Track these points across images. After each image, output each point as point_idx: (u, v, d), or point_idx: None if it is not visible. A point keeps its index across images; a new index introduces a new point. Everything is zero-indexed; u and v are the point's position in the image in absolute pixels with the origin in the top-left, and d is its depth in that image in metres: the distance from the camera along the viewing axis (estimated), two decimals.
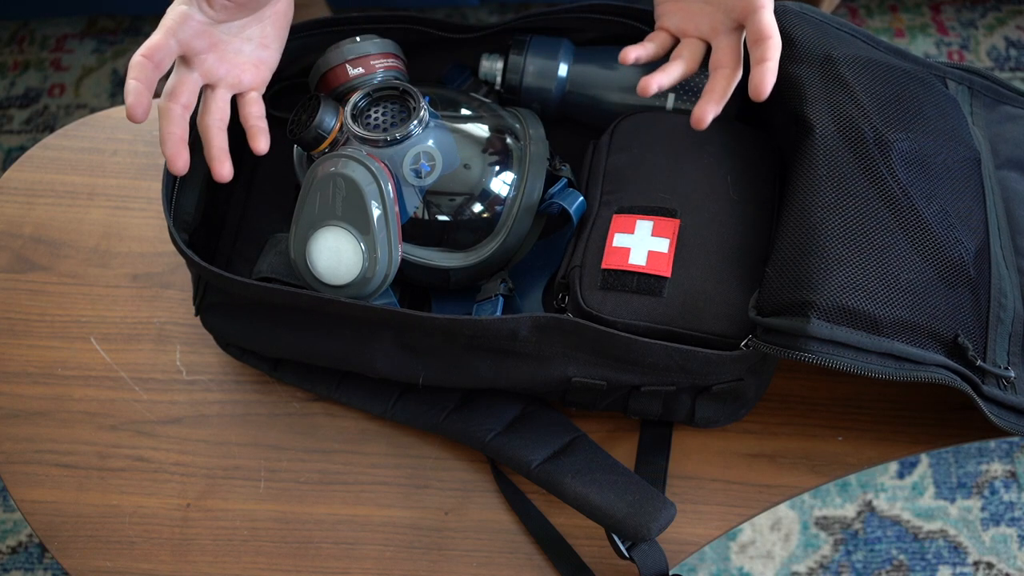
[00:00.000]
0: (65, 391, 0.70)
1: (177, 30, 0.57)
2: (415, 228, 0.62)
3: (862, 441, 0.66)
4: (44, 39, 1.55)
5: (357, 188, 0.57)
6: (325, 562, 0.64)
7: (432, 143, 0.60)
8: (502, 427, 0.63)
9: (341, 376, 0.67)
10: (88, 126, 0.81)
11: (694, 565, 1.13)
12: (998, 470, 1.17)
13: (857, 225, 0.56)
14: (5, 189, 0.78)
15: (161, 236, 0.76)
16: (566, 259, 0.63)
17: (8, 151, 1.45)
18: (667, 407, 0.62)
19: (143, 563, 0.64)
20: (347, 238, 0.58)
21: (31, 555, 1.17)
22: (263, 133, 0.63)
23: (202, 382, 0.70)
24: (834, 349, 0.53)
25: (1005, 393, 0.58)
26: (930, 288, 0.56)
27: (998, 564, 1.12)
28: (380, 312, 0.58)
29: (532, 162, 0.63)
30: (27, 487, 0.66)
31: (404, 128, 0.59)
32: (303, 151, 0.66)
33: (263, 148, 0.62)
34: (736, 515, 0.64)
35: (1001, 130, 0.69)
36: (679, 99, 0.68)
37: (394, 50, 0.67)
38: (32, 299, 0.73)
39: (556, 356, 0.59)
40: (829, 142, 0.59)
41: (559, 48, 0.69)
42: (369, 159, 0.58)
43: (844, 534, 1.14)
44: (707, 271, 0.59)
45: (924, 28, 1.49)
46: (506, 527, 0.64)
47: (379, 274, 0.58)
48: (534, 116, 0.67)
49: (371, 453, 0.67)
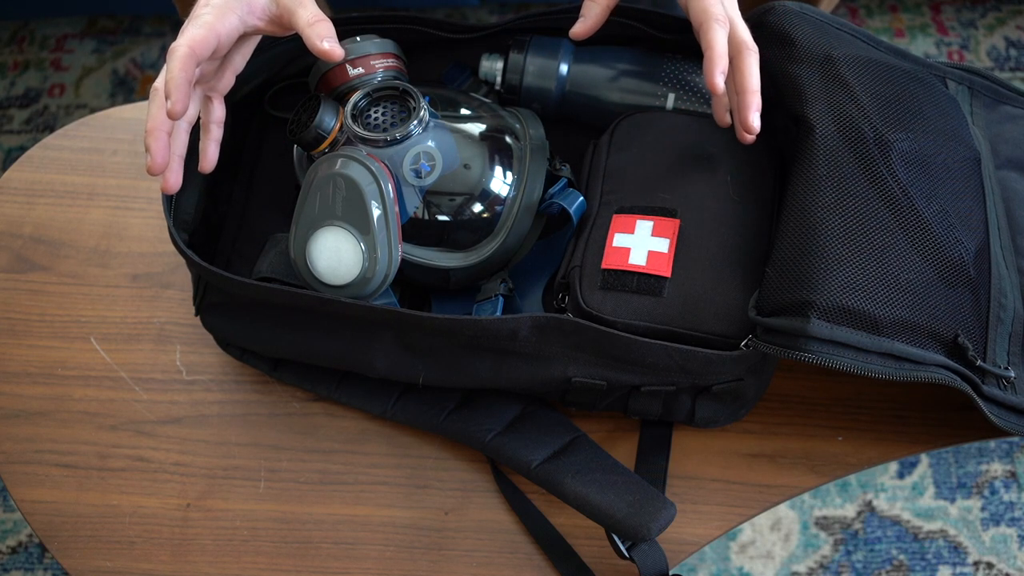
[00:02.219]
0: (65, 391, 0.70)
1: (217, 25, 0.56)
2: (415, 228, 0.61)
3: (862, 441, 0.66)
4: (44, 39, 1.55)
5: (357, 188, 0.57)
6: (325, 562, 0.64)
7: (432, 143, 0.60)
8: (502, 427, 0.63)
9: (341, 376, 0.67)
10: (88, 126, 0.81)
11: (694, 565, 1.13)
12: (998, 470, 1.17)
13: (857, 225, 0.56)
14: (5, 189, 0.78)
15: (161, 236, 0.76)
16: (566, 259, 0.63)
17: (8, 151, 1.45)
18: (667, 407, 0.62)
19: (143, 563, 0.64)
20: (347, 238, 0.58)
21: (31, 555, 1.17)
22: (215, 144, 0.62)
23: (202, 382, 0.70)
24: (834, 349, 0.53)
25: (1005, 393, 0.58)
26: (930, 288, 0.56)
27: (998, 564, 1.12)
28: (380, 312, 0.58)
29: (532, 162, 0.63)
30: (27, 487, 0.66)
31: (404, 128, 0.59)
32: (303, 151, 0.66)
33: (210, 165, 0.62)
34: (736, 515, 0.64)
35: (1001, 130, 0.69)
36: (679, 99, 0.68)
37: (394, 50, 0.67)
38: (32, 299, 0.73)
39: (556, 356, 0.59)
40: (829, 142, 0.58)
41: (559, 48, 0.69)
42: (369, 159, 0.58)
43: (844, 534, 1.14)
44: (707, 271, 0.59)
45: (924, 28, 1.49)
46: (506, 527, 0.64)
47: (379, 274, 0.58)
48: (534, 116, 0.67)
49: (371, 453, 0.67)
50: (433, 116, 0.61)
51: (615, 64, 0.69)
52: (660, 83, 0.68)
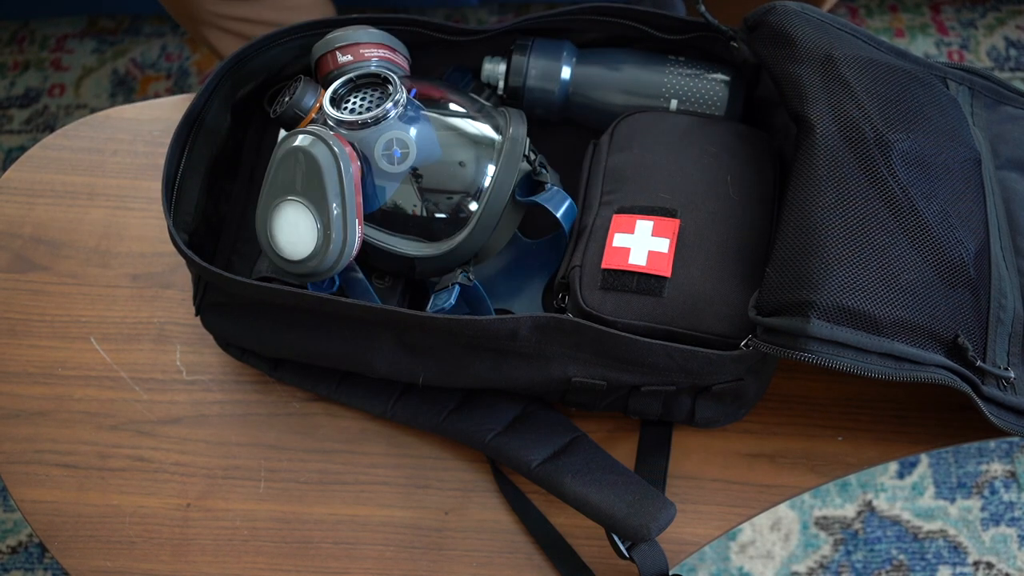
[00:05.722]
0: (65, 391, 0.70)
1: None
2: (384, 214, 0.61)
3: (862, 441, 0.66)
4: (44, 39, 1.55)
5: (316, 164, 0.58)
6: (325, 562, 0.64)
7: (413, 132, 0.60)
8: (502, 427, 0.63)
9: (341, 376, 0.67)
10: (88, 126, 0.81)
11: (694, 565, 1.13)
12: (998, 470, 1.17)
13: (857, 225, 0.56)
14: (5, 189, 0.78)
15: (161, 236, 0.76)
16: (566, 259, 0.63)
17: (8, 151, 1.44)
18: (667, 407, 0.62)
19: (143, 563, 0.64)
20: (304, 213, 0.58)
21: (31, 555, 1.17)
22: None
23: (202, 382, 0.70)
24: (834, 349, 0.53)
25: (1005, 394, 0.58)
26: (930, 288, 0.56)
27: (998, 564, 1.12)
28: (380, 312, 0.58)
29: (505, 159, 0.63)
30: (27, 487, 0.66)
31: (375, 113, 0.60)
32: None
33: None
34: (736, 515, 0.64)
35: (1002, 131, 0.69)
36: (683, 103, 0.68)
37: (388, 42, 0.67)
38: (32, 299, 0.73)
39: (556, 356, 0.59)
40: (830, 142, 0.58)
41: (562, 50, 0.69)
42: (333, 138, 0.58)
43: (844, 534, 1.14)
44: (707, 271, 0.59)
45: (924, 28, 1.49)
46: (506, 527, 0.64)
47: (334, 251, 0.58)
48: (520, 115, 0.66)
49: (371, 453, 0.67)
50: (416, 107, 0.61)
51: (618, 66, 0.69)
52: (663, 86, 0.68)
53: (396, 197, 0.61)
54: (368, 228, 0.62)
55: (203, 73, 1.49)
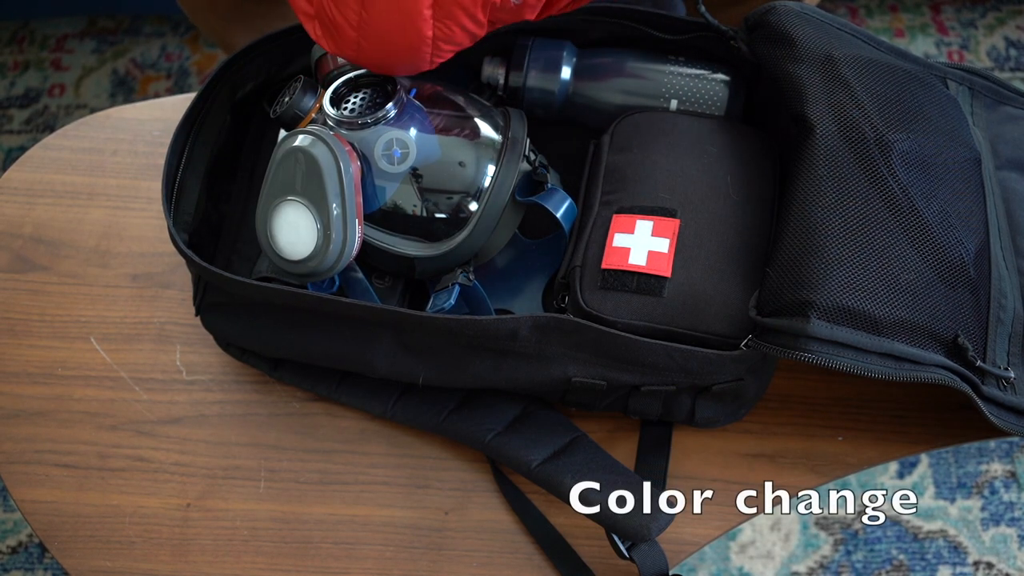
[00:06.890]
0: (65, 391, 0.70)
1: None
2: (384, 214, 0.62)
3: (862, 441, 0.66)
4: (44, 39, 1.54)
5: (316, 164, 0.58)
6: (325, 562, 0.64)
7: (413, 132, 0.60)
8: (502, 427, 0.63)
9: (341, 376, 0.67)
10: (88, 126, 0.81)
11: (694, 565, 1.13)
12: (998, 470, 1.17)
13: (857, 225, 0.56)
14: (5, 189, 0.78)
15: (161, 236, 0.75)
16: (566, 259, 0.63)
17: (8, 151, 1.44)
18: (667, 407, 0.62)
19: (143, 563, 0.64)
20: (304, 213, 0.58)
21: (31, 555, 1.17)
22: None
23: (202, 382, 0.70)
24: (834, 349, 0.53)
25: (1005, 394, 0.58)
26: (930, 288, 0.56)
27: (998, 564, 1.12)
28: (380, 312, 0.58)
29: (505, 160, 0.63)
30: (27, 487, 0.66)
31: (375, 113, 0.60)
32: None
33: None
34: (736, 515, 0.64)
35: (1002, 131, 0.69)
36: (683, 103, 0.68)
37: None
38: (32, 299, 0.73)
39: (556, 356, 0.59)
40: (830, 142, 0.58)
41: (562, 51, 0.69)
42: (333, 138, 0.58)
43: (844, 534, 1.14)
44: (707, 271, 0.59)
45: (924, 28, 1.49)
46: (506, 527, 0.64)
47: (334, 251, 0.58)
48: (520, 115, 0.66)
49: (371, 453, 0.67)
50: (416, 107, 0.61)
51: (618, 66, 0.69)
52: (663, 86, 0.68)
53: (396, 197, 0.61)
54: (368, 228, 0.62)
55: (203, 73, 1.49)
